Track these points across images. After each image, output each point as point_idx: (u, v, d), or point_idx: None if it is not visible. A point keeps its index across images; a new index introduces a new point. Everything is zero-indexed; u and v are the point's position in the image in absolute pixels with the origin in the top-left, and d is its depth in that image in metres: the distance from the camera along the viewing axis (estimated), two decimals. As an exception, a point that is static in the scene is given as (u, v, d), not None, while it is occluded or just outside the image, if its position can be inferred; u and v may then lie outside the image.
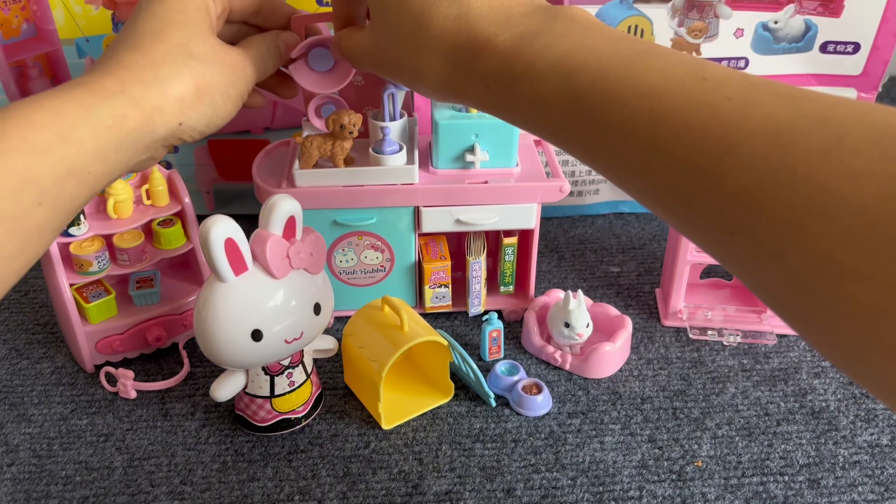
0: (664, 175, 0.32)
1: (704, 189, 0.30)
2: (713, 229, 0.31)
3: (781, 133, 0.28)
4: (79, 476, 0.60)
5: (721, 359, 0.71)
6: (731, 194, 0.29)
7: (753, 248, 0.29)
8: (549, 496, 0.58)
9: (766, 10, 0.77)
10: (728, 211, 0.29)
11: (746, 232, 0.29)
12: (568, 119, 0.36)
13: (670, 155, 0.31)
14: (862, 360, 0.27)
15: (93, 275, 0.65)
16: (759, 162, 0.28)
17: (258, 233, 0.56)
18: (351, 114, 0.63)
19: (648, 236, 0.90)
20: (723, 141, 0.29)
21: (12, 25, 0.77)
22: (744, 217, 0.29)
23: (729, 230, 0.29)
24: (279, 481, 0.59)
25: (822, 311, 0.27)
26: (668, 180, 0.32)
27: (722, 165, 0.29)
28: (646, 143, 0.32)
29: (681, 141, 0.31)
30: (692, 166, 0.30)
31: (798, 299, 0.28)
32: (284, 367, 0.60)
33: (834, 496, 0.58)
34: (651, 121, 0.32)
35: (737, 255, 0.30)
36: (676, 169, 0.31)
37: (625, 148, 0.33)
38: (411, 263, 0.72)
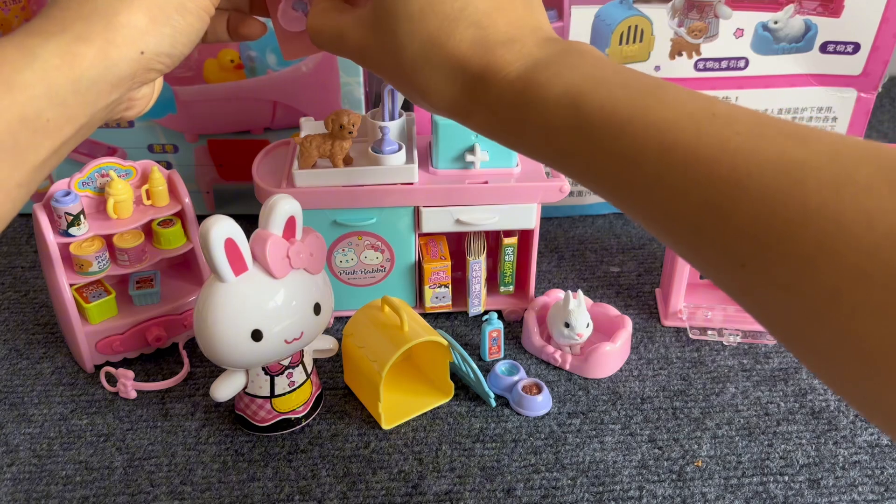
0: (671, 206, 0.32)
1: (713, 221, 0.30)
2: (722, 261, 0.30)
3: (792, 167, 0.28)
4: (79, 476, 0.60)
5: (721, 359, 0.71)
6: (740, 226, 0.29)
7: (762, 281, 0.29)
8: (549, 496, 0.58)
9: (766, 10, 0.77)
10: (737, 243, 0.29)
11: (756, 264, 0.29)
12: (575, 147, 0.36)
13: (678, 187, 0.31)
14: (873, 397, 0.27)
15: (93, 275, 0.65)
16: (769, 194, 0.28)
17: (258, 233, 0.56)
18: (350, 113, 0.63)
19: (648, 236, 0.90)
20: (732, 173, 0.29)
21: (12, 26, 0.77)
22: (753, 249, 0.29)
23: (738, 262, 0.29)
24: (279, 481, 0.59)
25: (831, 346, 0.27)
26: (676, 211, 0.32)
27: (731, 198, 0.29)
28: (653, 175, 0.32)
29: (689, 173, 0.31)
30: (700, 198, 0.30)
31: (807, 333, 0.28)
32: (284, 367, 0.60)
33: (834, 496, 0.58)
34: (659, 152, 0.32)
35: (745, 287, 0.30)
36: (684, 201, 0.31)
37: (632, 178, 0.33)
38: (411, 263, 0.72)
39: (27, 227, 0.90)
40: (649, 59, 0.80)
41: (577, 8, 0.77)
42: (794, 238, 0.27)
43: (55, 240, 0.63)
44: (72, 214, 0.63)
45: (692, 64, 0.80)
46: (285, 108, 0.84)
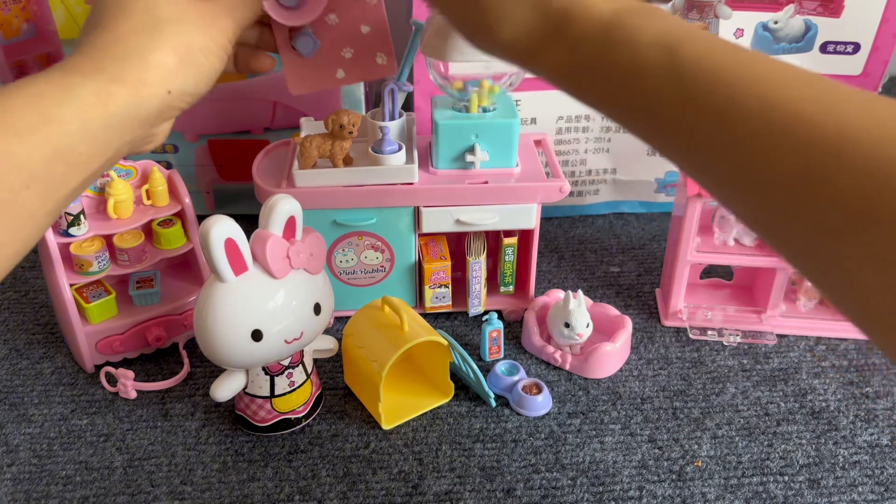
0: (765, 168, 0.31)
1: (811, 186, 0.29)
2: (811, 229, 0.29)
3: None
4: (79, 476, 0.60)
5: (721, 359, 0.71)
6: (840, 194, 0.28)
7: (859, 254, 0.28)
8: (549, 496, 0.58)
9: (766, 10, 0.77)
10: (834, 211, 0.28)
11: (853, 235, 0.28)
12: (664, 93, 0.34)
13: (777, 146, 0.30)
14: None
15: (93, 275, 0.65)
16: (877, 164, 0.27)
17: (258, 233, 0.56)
18: (350, 113, 0.63)
19: (648, 236, 0.90)
20: (838, 138, 0.28)
21: (12, 26, 0.77)
22: (852, 219, 0.28)
23: (832, 232, 0.28)
24: (279, 481, 0.59)
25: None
26: (769, 173, 0.30)
27: (835, 163, 0.28)
28: (749, 132, 0.31)
29: (791, 133, 0.30)
30: (800, 161, 0.29)
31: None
32: (284, 367, 0.60)
33: (834, 496, 0.58)
34: (761, 108, 0.31)
35: (834, 259, 0.29)
36: (781, 162, 0.30)
37: (724, 133, 0.32)
38: (411, 263, 0.72)
39: (27, 227, 0.90)
40: (649, 59, 0.80)
41: (577, 8, 0.77)
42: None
43: (55, 240, 0.63)
44: (72, 214, 0.63)
45: (692, 64, 0.80)
46: (285, 108, 0.84)
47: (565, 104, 0.85)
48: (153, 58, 0.42)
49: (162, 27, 0.43)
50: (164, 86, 0.42)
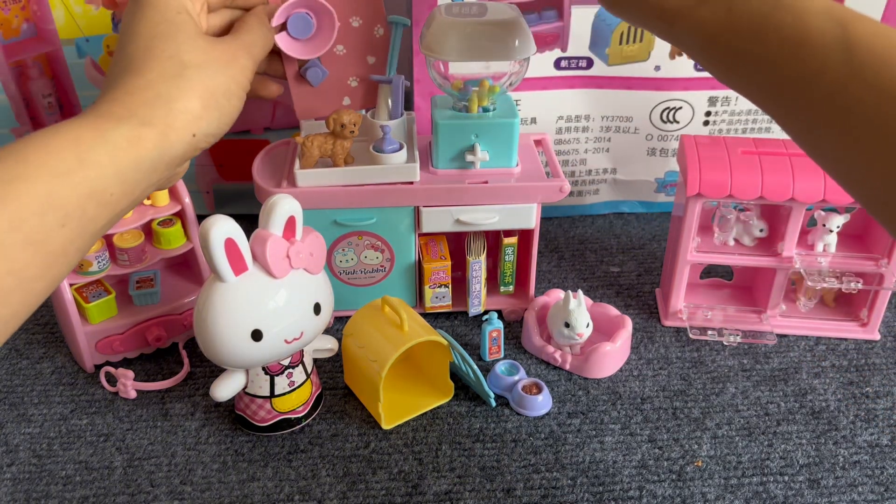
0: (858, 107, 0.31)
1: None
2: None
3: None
4: (79, 476, 0.60)
5: (721, 359, 0.71)
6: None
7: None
8: (549, 496, 0.58)
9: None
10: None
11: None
12: (830, 66, 0.33)
13: (869, 86, 0.30)
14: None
15: (93, 275, 0.65)
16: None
17: (258, 233, 0.56)
18: (351, 113, 0.63)
19: (648, 236, 0.90)
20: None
21: (12, 25, 0.77)
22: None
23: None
24: (279, 481, 0.59)
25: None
26: (862, 110, 0.30)
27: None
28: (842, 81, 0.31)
29: (880, 74, 0.30)
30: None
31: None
32: (284, 367, 0.60)
33: (834, 496, 0.58)
34: None
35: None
36: (864, 99, 0.30)
37: (891, 112, 0.31)
38: (411, 263, 0.72)
39: (27, 226, 0.90)
40: (649, 58, 0.80)
41: (577, 8, 0.77)
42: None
43: (55, 240, 0.63)
44: (72, 214, 0.63)
45: (692, 64, 0.80)
46: (285, 108, 0.84)
47: (565, 104, 0.85)
48: (179, 104, 0.44)
49: (187, 73, 0.45)
50: (190, 130, 0.45)
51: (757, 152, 0.68)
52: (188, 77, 0.45)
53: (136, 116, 0.43)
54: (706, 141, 0.70)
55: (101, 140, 0.41)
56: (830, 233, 0.70)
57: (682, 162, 0.70)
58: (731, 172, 0.66)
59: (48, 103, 0.81)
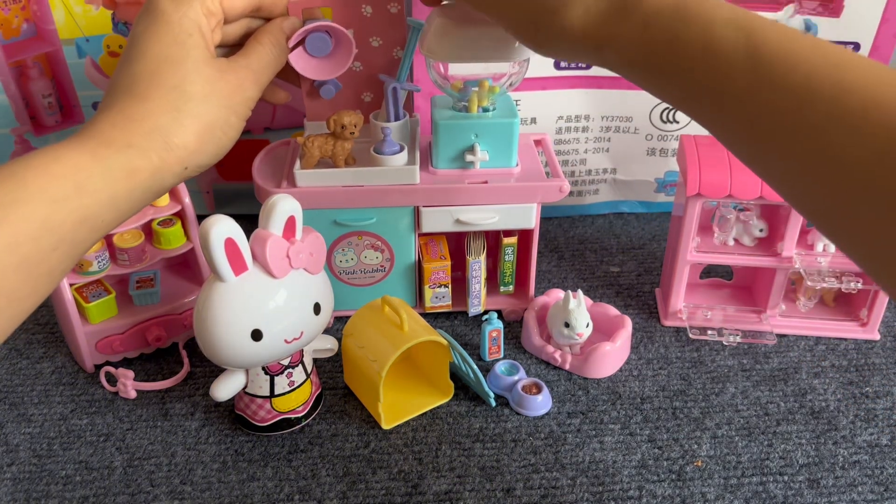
0: (842, 151, 0.31)
1: (887, 169, 0.29)
2: (888, 215, 0.30)
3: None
4: (79, 476, 0.60)
5: (721, 359, 0.71)
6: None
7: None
8: (549, 496, 0.58)
9: (766, 10, 0.77)
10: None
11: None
12: (738, 73, 0.34)
13: (854, 130, 0.30)
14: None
15: (93, 275, 0.65)
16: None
17: (258, 233, 0.56)
18: (352, 114, 0.63)
19: (648, 236, 0.90)
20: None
21: (12, 25, 0.77)
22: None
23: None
24: (279, 481, 0.59)
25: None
26: (844, 157, 0.31)
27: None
28: (825, 114, 0.31)
29: (867, 117, 0.30)
30: (877, 145, 0.30)
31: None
32: (284, 366, 0.60)
33: (834, 496, 0.58)
34: (836, 92, 0.31)
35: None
36: (858, 145, 0.30)
37: (800, 115, 0.32)
38: (411, 263, 0.72)
39: (27, 226, 0.90)
40: (649, 59, 0.80)
41: (577, 8, 0.77)
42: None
43: (55, 240, 0.63)
44: (72, 214, 0.63)
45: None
46: (285, 107, 0.84)
47: (565, 104, 0.85)
48: (177, 139, 0.45)
49: (189, 107, 0.45)
50: (183, 164, 0.45)
51: (757, 152, 0.68)
52: (188, 111, 0.45)
53: (134, 147, 0.43)
54: (706, 141, 0.70)
55: (99, 168, 0.42)
56: (830, 233, 0.70)
57: (682, 162, 0.70)
58: (730, 172, 0.66)
59: (48, 103, 0.81)
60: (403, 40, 0.65)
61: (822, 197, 0.32)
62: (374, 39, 0.66)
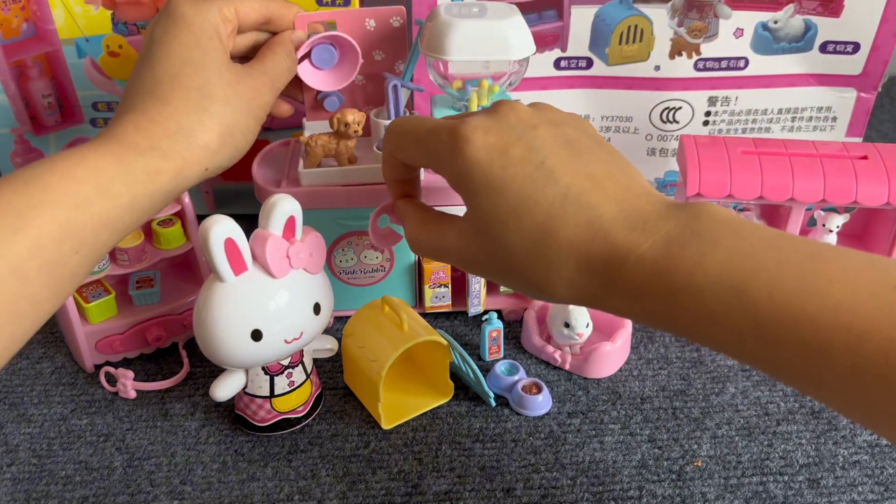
0: (872, 396, 0.30)
1: None
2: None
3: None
4: (79, 476, 0.60)
5: (721, 359, 0.71)
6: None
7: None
8: (549, 496, 0.58)
9: (766, 10, 0.77)
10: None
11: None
12: (744, 335, 0.32)
13: (880, 378, 0.29)
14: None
15: (93, 275, 0.65)
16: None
17: (258, 233, 0.56)
18: (355, 112, 0.63)
19: (648, 236, 0.90)
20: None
21: (12, 25, 0.77)
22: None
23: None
24: (279, 481, 0.59)
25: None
26: (879, 401, 0.30)
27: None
28: (847, 366, 0.30)
29: (891, 363, 0.29)
30: None
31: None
32: (284, 367, 0.60)
33: (834, 496, 0.58)
34: (850, 340, 0.30)
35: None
36: (888, 391, 0.29)
37: (821, 367, 0.31)
38: (411, 263, 0.72)
39: (27, 226, 0.90)
40: (649, 58, 0.80)
41: (577, 8, 0.77)
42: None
43: (55, 240, 0.63)
44: (72, 214, 0.63)
45: (692, 64, 0.80)
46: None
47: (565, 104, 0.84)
48: (199, 140, 0.45)
49: (213, 108, 0.46)
50: (204, 165, 0.46)
51: (757, 152, 0.68)
52: (212, 112, 0.46)
53: (158, 149, 0.43)
54: (706, 141, 0.70)
55: (122, 172, 0.42)
56: (830, 233, 0.70)
57: (682, 162, 0.70)
58: (730, 172, 0.66)
59: (48, 103, 0.81)
60: (406, 53, 0.66)
61: (878, 431, 0.32)
62: (377, 53, 0.66)
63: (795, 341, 0.31)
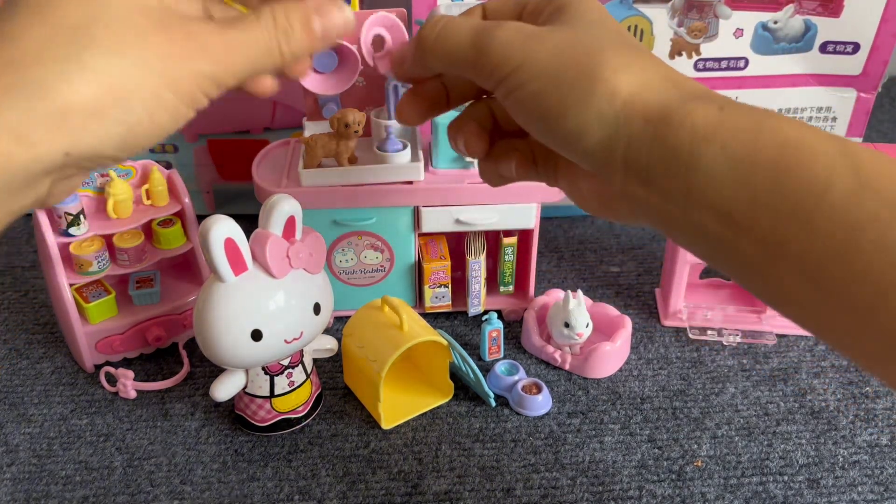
0: None
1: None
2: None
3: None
4: (79, 476, 0.60)
5: (721, 359, 0.71)
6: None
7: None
8: (549, 496, 0.58)
9: (766, 10, 0.77)
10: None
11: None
12: (786, 223, 0.29)
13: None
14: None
15: (93, 275, 0.65)
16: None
17: (258, 233, 0.56)
18: (355, 112, 0.63)
19: (648, 236, 0.90)
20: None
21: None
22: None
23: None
24: (279, 481, 0.59)
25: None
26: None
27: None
28: None
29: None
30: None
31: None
32: (284, 367, 0.60)
33: (833, 496, 0.58)
34: None
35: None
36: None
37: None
38: (411, 263, 0.72)
39: (27, 227, 0.90)
40: (649, 59, 0.80)
41: (577, 8, 0.77)
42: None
43: (55, 240, 0.63)
44: (71, 214, 0.63)
45: (692, 64, 0.80)
46: (285, 107, 0.84)
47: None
48: (54, 102, 0.28)
49: (88, 58, 0.29)
50: (60, 144, 0.28)
51: (757, 152, 0.68)
52: (86, 64, 0.29)
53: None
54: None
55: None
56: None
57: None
58: (730, 172, 0.66)
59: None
60: None
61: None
62: None
63: None
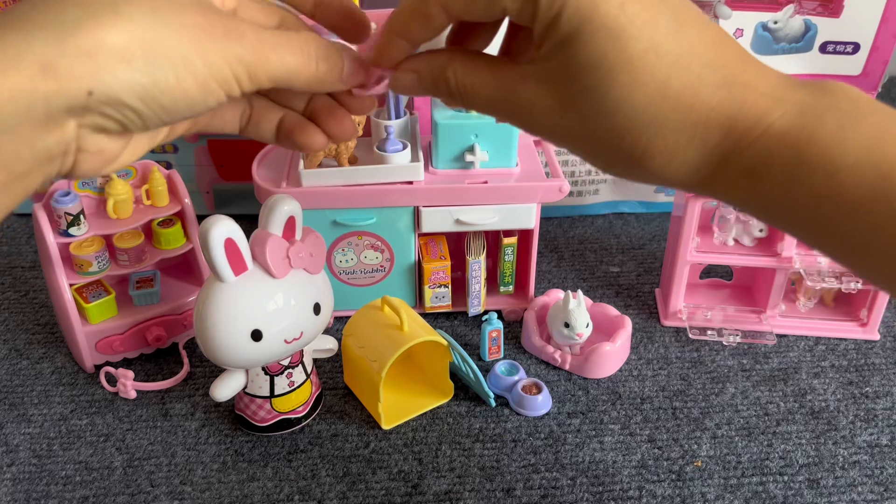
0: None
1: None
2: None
3: None
4: (79, 476, 0.60)
5: (721, 359, 0.71)
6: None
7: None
8: (549, 496, 0.58)
9: (766, 10, 0.77)
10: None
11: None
12: (880, 227, 0.28)
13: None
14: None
15: (93, 275, 0.65)
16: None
17: (258, 233, 0.56)
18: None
19: (648, 236, 0.90)
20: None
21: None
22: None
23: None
24: (279, 481, 0.59)
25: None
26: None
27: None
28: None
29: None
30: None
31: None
32: (284, 367, 0.60)
33: (833, 496, 0.58)
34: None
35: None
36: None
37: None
38: (411, 263, 0.72)
39: (27, 227, 0.90)
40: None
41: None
42: None
43: (55, 240, 0.63)
44: (71, 214, 0.63)
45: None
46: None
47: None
48: (86, 39, 0.27)
49: (124, 8, 0.29)
50: (85, 82, 0.27)
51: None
52: (121, 12, 0.28)
53: (17, 31, 0.27)
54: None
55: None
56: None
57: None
58: (730, 172, 0.66)
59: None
60: None
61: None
62: None
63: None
